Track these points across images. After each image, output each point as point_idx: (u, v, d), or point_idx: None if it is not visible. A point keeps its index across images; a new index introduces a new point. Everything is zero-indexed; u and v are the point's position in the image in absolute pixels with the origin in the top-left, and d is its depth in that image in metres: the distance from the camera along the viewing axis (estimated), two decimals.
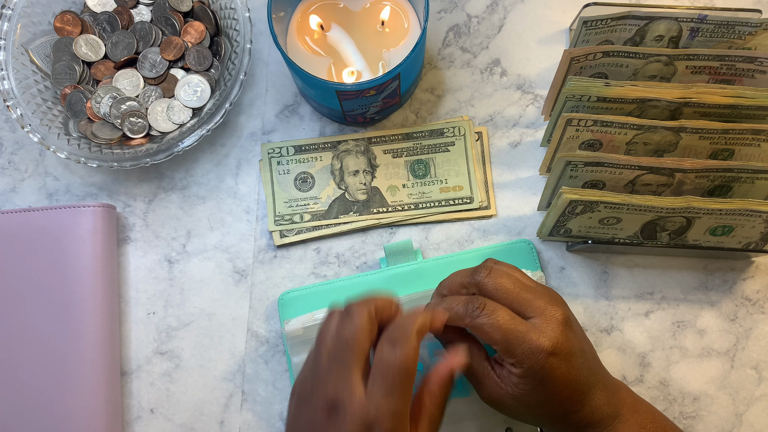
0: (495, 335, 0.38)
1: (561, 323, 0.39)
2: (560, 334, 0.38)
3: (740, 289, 0.52)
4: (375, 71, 0.51)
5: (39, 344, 0.49)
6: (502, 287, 0.40)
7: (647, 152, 0.48)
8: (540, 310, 0.39)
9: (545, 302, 0.39)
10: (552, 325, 0.38)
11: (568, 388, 0.39)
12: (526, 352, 0.38)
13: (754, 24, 0.48)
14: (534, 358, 0.38)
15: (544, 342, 0.38)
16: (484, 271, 0.41)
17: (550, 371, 0.38)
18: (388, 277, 0.50)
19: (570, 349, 0.39)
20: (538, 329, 0.38)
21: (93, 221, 0.51)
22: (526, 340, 0.38)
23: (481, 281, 0.41)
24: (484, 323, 0.38)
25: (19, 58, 0.52)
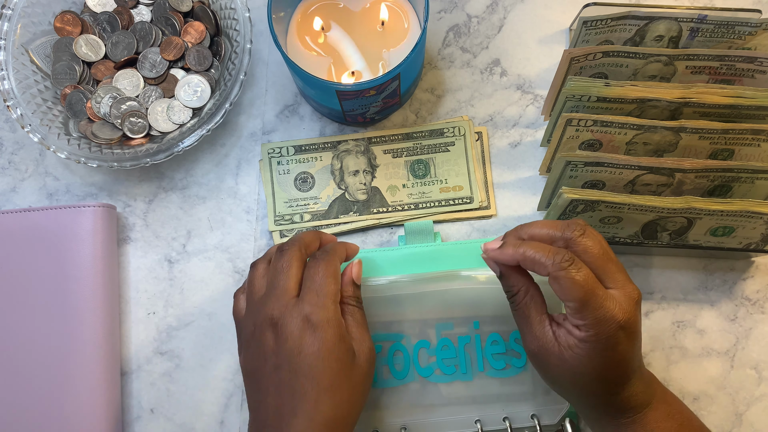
0: (576, 292, 0.38)
1: (636, 301, 0.39)
2: (633, 312, 0.38)
3: (740, 289, 0.52)
4: (375, 71, 0.51)
5: (39, 344, 0.49)
6: (591, 250, 0.39)
7: (647, 152, 0.48)
8: (621, 283, 0.39)
9: (626, 278, 0.40)
10: (629, 300, 0.39)
11: (620, 367, 0.39)
12: (599, 318, 0.38)
13: (754, 24, 0.48)
14: (605, 326, 0.38)
15: (619, 314, 0.38)
16: (579, 229, 0.40)
17: (614, 343, 0.38)
18: (405, 255, 0.50)
19: (636, 329, 0.39)
20: (616, 300, 0.38)
21: (93, 221, 0.51)
22: (603, 306, 0.38)
23: (574, 238, 0.40)
24: (569, 277, 0.38)
25: (19, 58, 0.52)
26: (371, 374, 0.42)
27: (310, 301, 0.40)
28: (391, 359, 0.48)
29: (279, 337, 0.40)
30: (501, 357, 0.48)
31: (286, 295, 0.41)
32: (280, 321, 0.40)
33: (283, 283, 0.41)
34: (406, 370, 0.48)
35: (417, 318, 0.48)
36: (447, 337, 0.48)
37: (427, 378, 0.48)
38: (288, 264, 0.42)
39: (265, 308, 0.41)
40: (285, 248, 0.43)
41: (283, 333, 0.40)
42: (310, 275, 0.41)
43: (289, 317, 0.40)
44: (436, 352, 0.48)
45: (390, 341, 0.48)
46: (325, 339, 0.39)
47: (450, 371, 0.48)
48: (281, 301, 0.40)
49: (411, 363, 0.48)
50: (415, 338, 0.48)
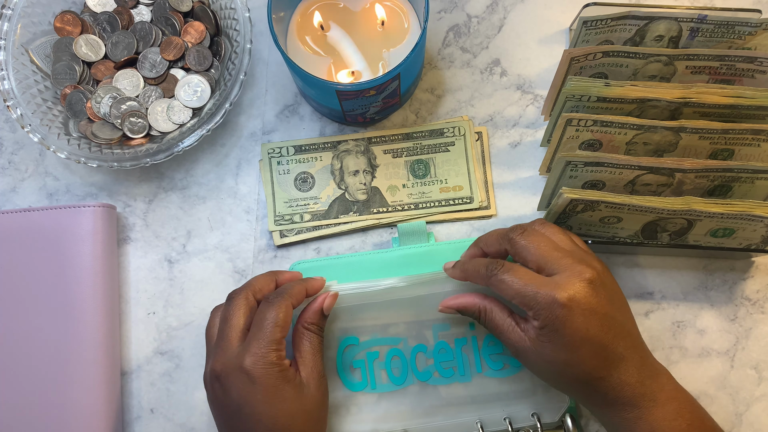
0: (510, 291, 0.40)
1: (585, 280, 0.39)
2: (580, 290, 0.39)
3: (740, 289, 0.52)
4: (375, 71, 0.51)
5: (39, 344, 0.49)
6: (531, 245, 0.42)
7: (647, 152, 0.48)
8: (564, 266, 0.40)
9: (574, 261, 0.40)
10: (573, 280, 0.39)
11: (586, 346, 0.39)
12: (540, 304, 0.39)
13: (754, 24, 0.48)
14: (548, 310, 0.39)
15: (559, 294, 0.39)
16: (519, 229, 0.43)
17: (563, 322, 0.39)
18: (399, 257, 0.51)
19: (590, 306, 0.39)
20: (556, 283, 0.39)
21: (93, 221, 0.51)
22: (540, 292, 0.39)
23: (513, 237, 0.43)
24: (500, 279, 0.41)
25: (19, 58, 0.52)
26: (325, 397, 0.44)
27: (252, 351, 0.41)
28: (389, 364, 0.48)
29: (225, 391, 0.41)
30: (499, 357, 0.48)
31: (230, 348, 0.42)
32: (223, 376, 0.41)
33: (226, 334, 0.42)
34: (404, 375, 0.48)
35: (414, 320, 0.48)
36: (444, 339, 0.48)
37: (425, 381, 0.48)
38: (232, 313, 0.43)
39: (212, 361, 0.42)
40: (233, 296, 0.44)
41: (228, 387, 0.41)
42: (257, 321, 0.42)
43: (231, 372, 0.41)
44: (433, 355, 0.48)
45: (387, 345, 0.48)
46: (268, 386, 0.40)
47: (448, 374, 0.48)
48: (225, 355, 0.41)
49: (409, 367, 0.48)
50: (413, 340, 0.48)
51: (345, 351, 0.48)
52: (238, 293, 0.44)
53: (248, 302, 0.44)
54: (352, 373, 0.48)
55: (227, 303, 0.44)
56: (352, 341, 0.48)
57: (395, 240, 0.52)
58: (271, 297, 0.43)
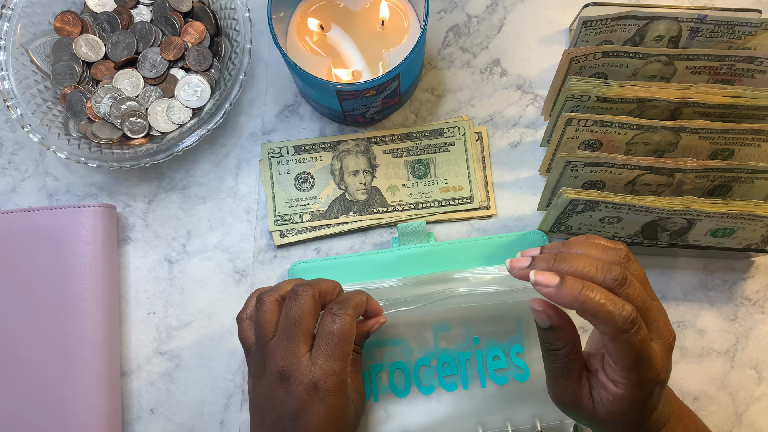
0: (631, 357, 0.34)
1: (671, 349, 0.36)
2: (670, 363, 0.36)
3: (740, 289, 0.52)
4: (375, 71, 0.51)
5: (39, 344, 0.49)
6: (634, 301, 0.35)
7: (647, 152, 0.48)
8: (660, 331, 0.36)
9: (664, 323, 0.36)
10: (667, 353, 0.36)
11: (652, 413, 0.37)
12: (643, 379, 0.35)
13: (754, 24, 0.48)
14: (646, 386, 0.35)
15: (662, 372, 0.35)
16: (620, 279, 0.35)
17: (650, 397, 0.36)
18: (399, 257, 0.51)
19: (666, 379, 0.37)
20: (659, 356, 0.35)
21: (93, 221, 0.51)
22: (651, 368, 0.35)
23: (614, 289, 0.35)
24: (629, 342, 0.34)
25: (19, 58, 0.52)
26: (360, 419, 0.44)
27: (322, 366, 0.39)
28: (391, 376, 0.48)
29: (287, 392, 0.40)
30: (503, 372, 0.48)
31: (298, 351, 0.40)
32: (291, 378, 0.40)
33: (294, 335, 0.40)
34: (408, 388, 0.48)
35: (413, 321, 0.48)
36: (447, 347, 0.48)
37: (428, 395, 0.48)
38: (302, 314, 0.40)
39: (276, 358, 0.40)
40: (299, 293, 0.41)
41: (292, 391, 0.40)
42: (325, 333, 0.40)
43: (299, 377, 0.39)
44: (437, 370, 0.48)
45: (388, 347, 0.48)
46: (332, 406, 0.40)
47: (452, 388, 0.48)
48: (292, 357, 0.40)
49: (412, 380, 0.48)
50: (413, 341, 0.48)
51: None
52: (305, 291, 0.41)
53: (316, 304, 0.41)
54: None
55: (294, 299, 0.41)
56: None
57: (395, 240, 0.52)
58: (336, 308, 0.41)
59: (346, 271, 0.50)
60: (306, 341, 0.40)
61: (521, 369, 0.48)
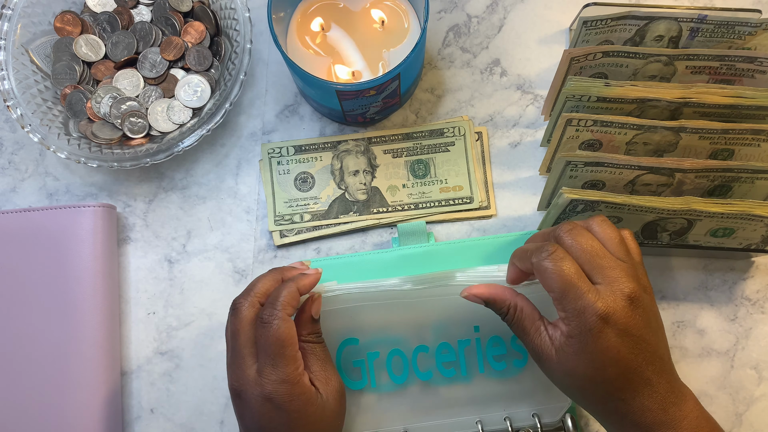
0: (554, 282, 0.38)
1: (625, 297, 0.37)
2: (620, 307, 0.37)
3: (740, 289, 0.52)
4: (375, 71, 0.51)
5: (39, 344, 0.49)
6: (579, 245, 0.39)
7: (647, 152, 0.48)
8: (609, 279, 0.38)
9: (619, 274, 0.38)
10: (614, 296, 0.37)
11: (615, 367, 0.37)
12: (578, 309, 0.37)
13: (754, 24, 0.48)
14: (583, 318, 0.37)
15: (599, 305, 0.37)
16: (567, 225, 0.40)
17: (596, 336, 0.37)
18: (399, 257, 0.50)
19: (626, 326, 0.37)
20: (599, 292, 0.37)
21: (93, 221, 0.51)
22: (581, 297, 0.37)
23: (560, 234, 0.40)
24: (547, 267, 0.38)
25: (19, 58, 0.52)
26: (343, 406, 0.43)
27: (269, 377, 0.39)
28: (389, 364, 0.48)
29: (246, 408, 0.40)
30: (502, 358, 0.48)
31: (244, 365, 0.40)
32: (243, 395, 0.40)
33: (239, 350, 0.40)
34: (405, 375, 0.48)
35: (413, 321, 0.48)
36: (446, 341, 0.48)
37: (426, 382, 0.48)
38: (239, 327, 0.40)
39: (230, 375, 0.41)
40: (237, 306, 0.41)
41: (249, 407, 0.40)
42: (262, 343, 0.39)
43: (250, 393, 0.39)
44: (435, 356, 0.48)
45: (388, 346, 0.48)
46: (293, 411, 0.39)
47: (450, 374, 0.48)
48: (241, 373, 0.40)
49: (410, 368, 0.48)
50: (413, 341, 0.48)
51: (345, 351, 0.48)
52: (242, 302, 0.41)
53: (255, 311, 0.41)
54: (353, 373, 0.48)
55: (233, 314, 0.41)
56: (352, 342, 0.48)
57: (395, 240, 0.52)
58: (267, 314, 0.40)
59: (345, 271, 0.50)
60: (251, 353, 0.40)
61: (520, 354, 0.48)
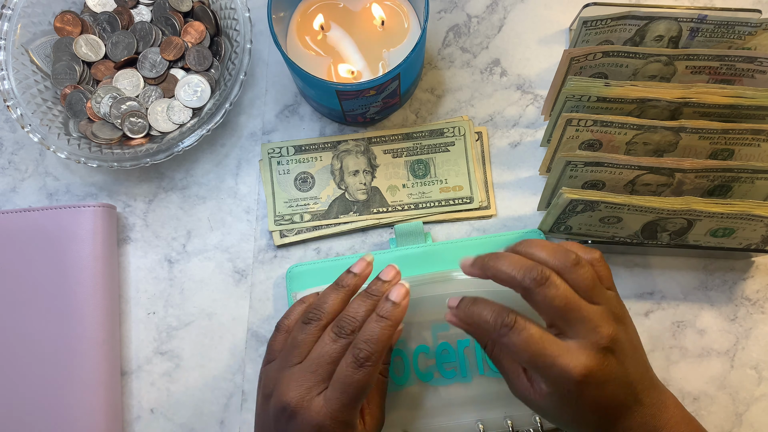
0: (522, 356, 0.37)
1: (601, 349, 0.36)
2: (596, 362, 0.36)
3: (740, 289, 0.52)
4: (375, 71, 0.51)
5: (39, 344, 0.49)
6: (551, 302, 0.37)
7: (647, 152, 0.48)
8: (584, 331, 0.36)
9: (594, 324, 0.36)
10: (588, 351, 0.36)
11: (598, 412, 0.37)
12: (554, 376, 0.36)
13: (754, 24, 0.48)
14: (562, 384, 0.36)
15: (575, 369, 0.35)
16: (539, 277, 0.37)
17: (576, 397, 0.36)
18: (397, 258, 0.51)
19: (606, 376, 0.36)
20: (571, 353, 0.36)
21: (93, 221, 0.51)
22: (555, 365, 0.36)
23: (531, 289, 0.37)
24: (510, 342, 0.37)
25: (19, 58, 0.52)
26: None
27: (333, 413, 0.37)
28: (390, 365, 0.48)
29: (291, 427, 0.38)
30: None
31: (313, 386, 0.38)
32: (297, 417, 0.38)
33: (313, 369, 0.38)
34: (406, 375, 0.48)
35: (412, 321, 0.48)
36: (445, 340, 0.48)
37: (426, 382, 0.48)
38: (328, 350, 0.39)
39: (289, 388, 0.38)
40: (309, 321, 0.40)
41: (296, 427, 0.38)
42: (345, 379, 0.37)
43: (306, 418, 0.37)
44: (435, 356, 0.48)
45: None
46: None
47: (450, 375, 0.48)
48: (305, 392, 0.38)
49: (411, 368, 0.48)
50: (412, 341, 0.48)
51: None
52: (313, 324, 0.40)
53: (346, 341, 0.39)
54: None
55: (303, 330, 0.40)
56: None
57: (392, 241, 0.52)
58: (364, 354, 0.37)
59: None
60: (325, 378, 0.38)
61: None
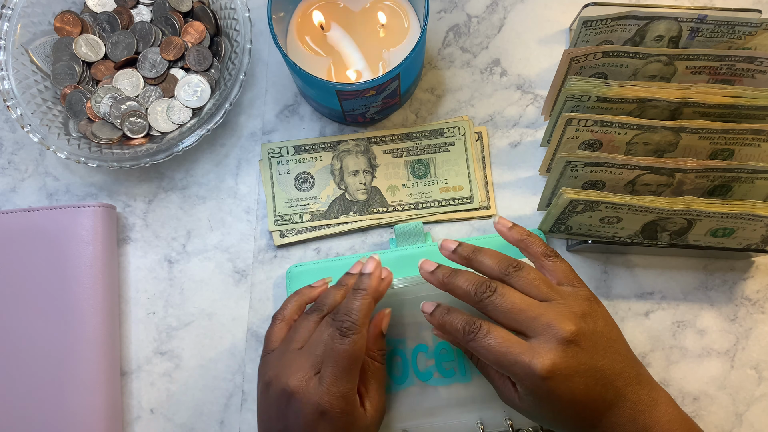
0: (488, 358, 0.39)
1: (562, 342, 0.37)
2: (558, 355, 0.37)
3: (740, 289, 0.52)
4: (375, 71, 0.51)
5: (39, 344, 0.49)
6: (501, 307, 0.39)
7: (647, 152, 0.48)
8: (542, 328, 0.38)
9: (552, 318, 0.38)
10: (549, 345, 0.37)
11: (574, 407, 0.38)
12: (520, 374, 0.38)
13: (754, 24, 0.48)
14: (529, 381, 0.37)
15: (537, 365, 0.37)
16: (487, 290, 0.40)
17: (547, 393, 0.37)
18: (397, 258, 0.51)
19: (571, 369, 0.37)
20: (533, 351, 0.37)
21: (93, 221, 0.51)
22: (518, 363, 0.37)
23: (482, 301, 0.40)
24: (476, 347, 0.39)
25: (19, 58, 0.52)
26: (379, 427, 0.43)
27: (329, 388, 0.39)
28: (389, 365, 0.48)
29: (293, 411, 0.39)
30: None
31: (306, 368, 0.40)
32: (297, 399, 0.39)
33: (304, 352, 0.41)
34: (405, 375, 0.48)
35: (412, 321, 0.48)
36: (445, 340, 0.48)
37: (426, 382, 0.48)
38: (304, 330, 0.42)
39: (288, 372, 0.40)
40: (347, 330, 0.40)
41: (298, 411, 0.39)
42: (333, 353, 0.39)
43: (305, 398, 0.39)
44: (434, 356, 0.48)
45: (388, 346, 0.48)
46: (339, 426, 0.39)
47: (449, 374, 0.48)
48: (300, 375, 0.40)
49: (410, 367, 0.48)
50: (412, 341, 0.48)
51: None
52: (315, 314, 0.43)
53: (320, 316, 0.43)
54: None
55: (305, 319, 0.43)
56: None
57: (392, 241, 0.52)
58: (346, 326, 0.40)
59: (343, 272, 0.50)
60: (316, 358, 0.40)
61: None
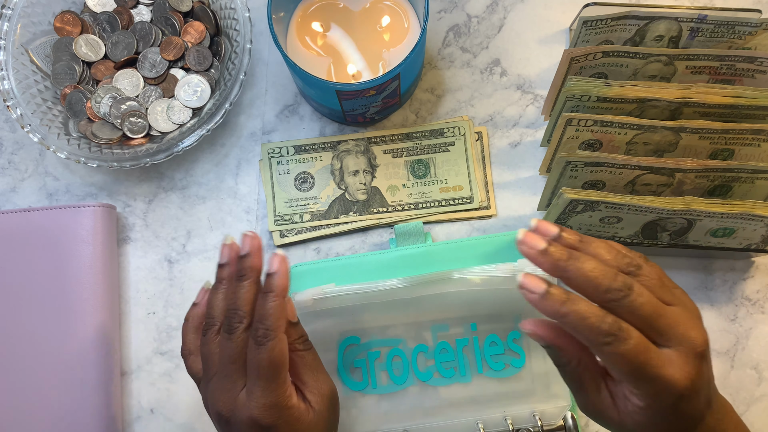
0: (624, 368, 0.33)
1: (698, 355, 0.34)
2: (696, 372, 0.34)
3: (740, 289, 0.52)
4: (375, 71, 0.51)
5: (39, 344, 0.49)
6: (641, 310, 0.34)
7: (647, 152, 0.48)
8: (679, 338, 0.34)
9: (685, 326, 0.34)
10: (689, 359, 0.34)
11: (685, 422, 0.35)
12: (655, 390, 0.34)
13: (754, 24, 0.48)
14: (663, 398, 0.34)
15: (680, 381, 0.33)
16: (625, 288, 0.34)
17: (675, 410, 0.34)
18: (397, 258, 0.50)
19: (701, 385, 0.34)
20: (674, 364, 0.34)
21: (93, 221, 0.51)
22: (658, 377, 0.33)
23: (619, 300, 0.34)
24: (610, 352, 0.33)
25: (19, 58, 0.52)
26: (336, 412, 0.41)
27: (258, 401, 0.36)
28: (389, 365, 0.48)
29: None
30: (500, 358, 0.48)
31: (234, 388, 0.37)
32: (231, 421, 0.37)
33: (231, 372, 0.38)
34: (405, 375, 0.48)
35: (412, 321, 0.48)
36: (444, 339, 0.48)
37: (426, 382, 0.48)
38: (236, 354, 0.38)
39: (216, 398, 0.38)
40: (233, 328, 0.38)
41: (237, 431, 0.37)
42: (255, 365, 0.37)
43: (239, 417, 0.37)
44: (434, 356, 0.48)
45: (388, 347, 0.48)
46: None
47: (449, 374, 0.48)
48: (229, 396, 0.37)
49: (410, 368, 0.48)
50: (412, 341, 0.48)
51: (346, 351, 0.48)
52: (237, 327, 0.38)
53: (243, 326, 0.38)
54: (353, 374, 0.48)
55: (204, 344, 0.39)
56: (353, 341, 0.48)
57: (392, 241, 0.52)
58: (261, 332, 0.37)
59: (343, 273, 0.50)
60: (240, 374, 0.38)
61: (517, 354, 0.48)
